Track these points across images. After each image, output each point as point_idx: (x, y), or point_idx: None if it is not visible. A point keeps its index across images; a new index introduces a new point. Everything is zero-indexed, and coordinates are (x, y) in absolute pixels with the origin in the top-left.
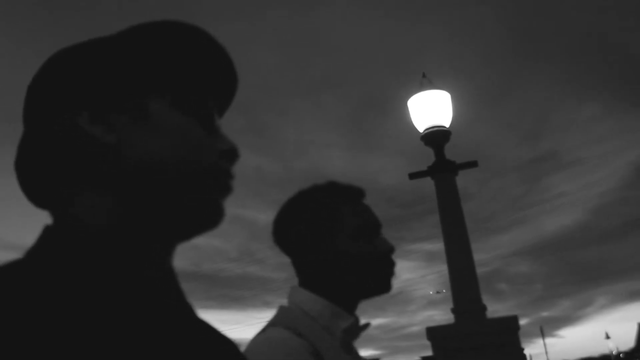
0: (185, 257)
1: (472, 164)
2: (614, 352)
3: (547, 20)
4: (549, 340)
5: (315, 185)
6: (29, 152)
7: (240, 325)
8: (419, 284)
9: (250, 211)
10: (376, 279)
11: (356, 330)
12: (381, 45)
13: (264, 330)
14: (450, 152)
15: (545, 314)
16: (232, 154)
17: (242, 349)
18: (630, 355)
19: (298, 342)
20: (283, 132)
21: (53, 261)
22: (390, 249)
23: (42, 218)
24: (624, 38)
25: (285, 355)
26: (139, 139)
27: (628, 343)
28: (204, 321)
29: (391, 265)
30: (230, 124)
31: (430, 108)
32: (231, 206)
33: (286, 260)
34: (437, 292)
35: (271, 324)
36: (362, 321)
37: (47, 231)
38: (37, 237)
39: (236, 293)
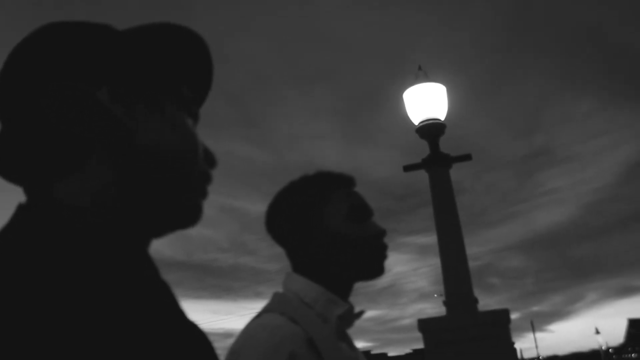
0: (177, 246)
1: (467, 157)
2: (603, 347)
3: (542, 13)
4: (539, 335)
5: (305, 175)
6: (15, 118)
7: (232, 316)
8: (411, 277)
9: (242, 202)
10: (369, 260)
11: (350, 317)
12: (375, 37)
13: (258, 316)
14: (444, 145)
15: (535, 308)
16: (213, 160)
17: (234, 338)
18: (619, 350)
19: (292, 329)
20: (275, 123)
21: (30, 241)
22: (382, 232)
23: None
24: (620, 32)
25: (280, 341)
26: (153, 129)
27: (618, 338)
28: (183, 312)
29: (383, 247)
30: (223, 115)
31: (426, 101)
32: (223, 197)
33: (278, 251)
34: (441, 295)
35: (266, 310)
36: (356, 309)
37: (21, 210)
38: (11, 217)
39: (228, 283)
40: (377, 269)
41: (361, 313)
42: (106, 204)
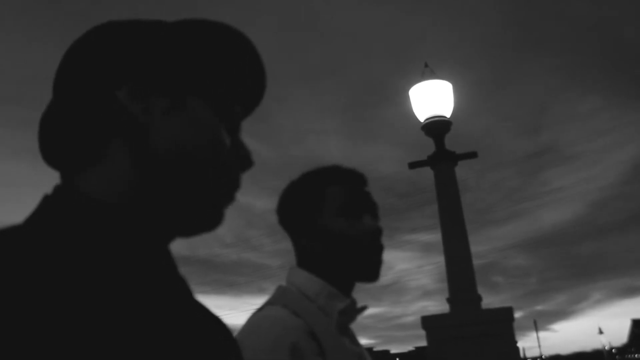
0: (181, 242)
1: (472, 155)
2: (606, 347)
3: (548, 11)
4: (542, 334)
5: (317, 168)
6: (54, 115)
7: (236, 311)
8: (415, 274)
9: (247, 197)
10: (359, 258)
11: (352, 312)
12: (382, 33)
13: (261, 309)
14: (449, 142)
15: (539, 307)
16: (247, 163)
17: (236, 333)
18: (622, 350)
19: (295, 321)
20: (281, 118)
21: (51, 230)
22: (373, 229)
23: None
24: (625, 31)
25: (282, 333)
26: (172, 127)
27: (621, 338)
28: (202, 304)
29: (375, 247)
30: None
31: (432, 98)
32: None
33: (282, 247)
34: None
35: (269, 303)
36: (359, 305)
37: (46, 200)
38: (36, 206)
39: (231, 279)
40: (368, 269)
41: (363, 308)
42: (125, 200)
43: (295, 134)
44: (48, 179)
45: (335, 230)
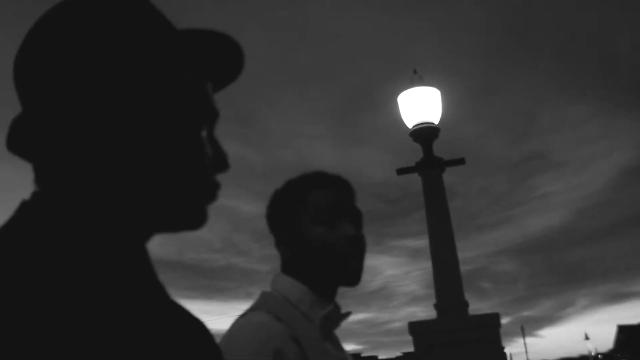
0: (169, 246)
1: (460, 161)
2: (592, 353)
3: (538, 19)
4: (529, 340)
5: (300, 175)
6: (37, 107)
7: (224, 317)
8: (403, 280)
9: (234, 202)
10: (332, 264)
11: (336, 317)
12: (371, 38)
13: (245, 314)
14: (438, 148)
15: (526, 313)
16: (223, 165)
17: (220, 338)
18: (608, 356)
19: (277, 326)
20: (269, 122)
21: (28, 238)
22: (347, 235)
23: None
24: (615, 39)
25: (265, 338)
26: (163, 127)
27: (607, 344)
28: (178, 304)
29: (348, 252)
30: None
31: (420, 104)
32: None
33: (270, 252)
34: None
35: (252, 309)
36: (344, 310)
37: (23, 207)
38: (13, 213)
39: (219, 284)
40: (344, 274)
41: (347, 314)
42: (104, 200)
43: (284, 137)
44: (29, 183)
45: (310, 237)
